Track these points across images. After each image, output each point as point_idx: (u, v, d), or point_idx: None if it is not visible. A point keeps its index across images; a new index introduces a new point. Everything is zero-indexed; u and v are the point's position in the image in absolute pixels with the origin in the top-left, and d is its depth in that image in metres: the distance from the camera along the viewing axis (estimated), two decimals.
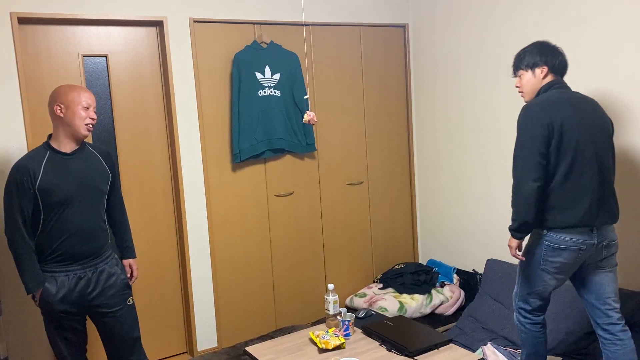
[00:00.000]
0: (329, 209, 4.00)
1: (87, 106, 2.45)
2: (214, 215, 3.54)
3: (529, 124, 2.38)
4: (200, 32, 3.41)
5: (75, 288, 2.46)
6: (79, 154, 2.50)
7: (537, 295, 2.57)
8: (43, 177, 2.37)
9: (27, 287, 2.41)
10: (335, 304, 2.83)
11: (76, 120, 2.42)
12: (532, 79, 2.52)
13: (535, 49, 2.53)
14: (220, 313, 3.60)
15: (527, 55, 2.53)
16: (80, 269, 2.48)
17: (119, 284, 2.59)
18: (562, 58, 2.52)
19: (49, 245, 2.43)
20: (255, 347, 2.76)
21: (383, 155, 4.24)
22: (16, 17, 2.87)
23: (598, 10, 3.03)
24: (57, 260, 2.45)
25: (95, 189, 2.52)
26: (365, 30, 4.07)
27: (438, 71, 4.07)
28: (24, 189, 2.35)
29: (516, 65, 2.58)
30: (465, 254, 4.05)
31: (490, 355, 2.95)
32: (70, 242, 2.44)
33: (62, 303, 2.44)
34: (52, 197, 2.38)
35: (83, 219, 2.46)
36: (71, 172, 2.44)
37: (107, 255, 2.59)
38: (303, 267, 3.92)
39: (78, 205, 2.44)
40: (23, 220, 2.38)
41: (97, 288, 2.50)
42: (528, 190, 2.36)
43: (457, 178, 4.04)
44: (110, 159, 2.64)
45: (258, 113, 3.56)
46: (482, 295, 3.50)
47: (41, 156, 2.42)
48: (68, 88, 2.49)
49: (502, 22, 3.57)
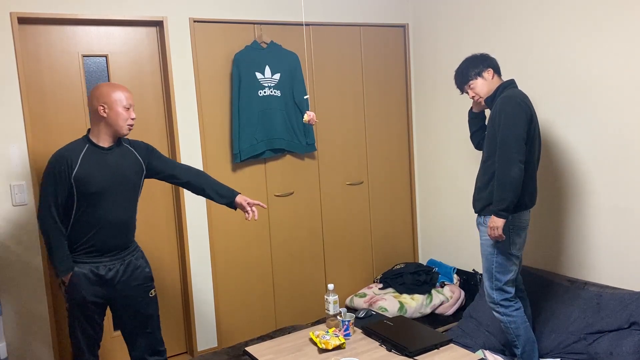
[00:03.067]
0: (329, 209, 4.00)
1: (128, 106, 2.54)
2: (214, 215, 3.53)
3: (517, 111, 2.64)
4: (200, 32, 3.41)
5: (102, 279, 2.55)
6: (115, 149, 2.60)
7: (511, 282, 2.79)
8: (80, 168, 2.47)
9: (57, 271, 2.50)
10: (335, 304, 2.83)
11: (119, 121, 2.52)
12: (485, 82, 2.83)
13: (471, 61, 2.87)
14: (220, 313, 3.60)
15: (468, 68, 2.85)
16: (108, 261, 2.57)
17: (143, 277, 2.69)
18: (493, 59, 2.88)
19: (80, 236, 2.52)
20: (255, 347, 2.75)
21: (383, 155, 4.24)
22: (16, 17, 2.87)
23: (598, 9, 3.03)
24: (86, 252, 2.53)
25: (128, 184, 2.62)
26: (365, 30, 4.07)
27: (438, 71, 4.07)
28: (60, 177, 2.45)
29: (463, 80, 2.87)
30: (465, 254, 4.05)
31: (490, 356, 2.95)
32: (100, 235, 2.53)
33: (88, 292, 2.52)
34: (86, 187, 2.47)
35: (115, 213, 2.56)
36: (107, 165, 2.54)
37: (133, 248, 2.69)
38: (303, 267, 3.92)
39: (111, 198, 2.53)
40: (56, 206, 2.47)
41: (122, 279, 2.60)
42: (517, 171, 2.60)
43: (457, 178, 4.03)
44: (143, 150, 2.72)
45: (258, 113, 3.56)
46: (482, 295, 3.49)
47: (80, 148, 2.52)
48: (110, 88, 2.55)
49: (502, 22, 3.57)
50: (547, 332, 3.04)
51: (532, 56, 3.38)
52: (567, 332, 2.96)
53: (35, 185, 2.98)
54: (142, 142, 2.76)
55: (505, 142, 2.63)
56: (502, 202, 2.63)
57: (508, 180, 2.61)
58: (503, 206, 2.63)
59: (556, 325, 3.03)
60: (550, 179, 3.29)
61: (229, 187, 2.85)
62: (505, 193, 2.62)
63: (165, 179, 2.82)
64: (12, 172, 2.93)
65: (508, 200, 2.62)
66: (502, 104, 2.68)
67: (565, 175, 3.24)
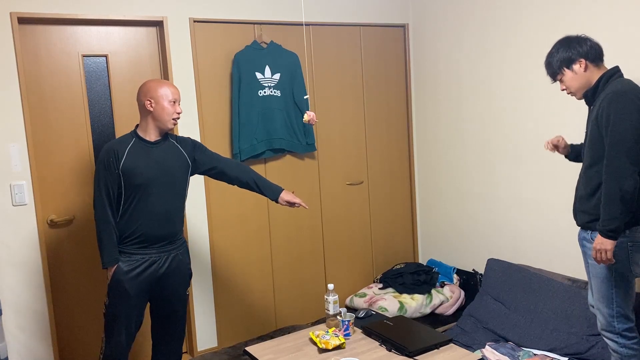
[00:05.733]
0: (329, 209, 4.00)
1: (173, 100, 2.62)
2: (214, 215, 3.54)
3: (630, 109, 2.21)
4: (200, 32, 3.41)
5: (147, 270, 2.61)
6: (161, 144, 2.67)
7: (633, 307, 2.36)
8: (126, 160, 2.56)
9: (103, 262, 2.57)
10: (335, 304, 2.83)
11: (164, 115, 2.61)
12: (575, 76, 2.38)
13: (559, 48, 2.42)
14: (220, 313, 3.60)
15: (555, 57, 2.42)
16: (155, 253, 2.64)
17: (185, 273, 2.78)
18: (590, 43, 2.37)
19: (129, 227, 2.59)
20: (255, 347, 2.75)
21: (383, 155, 4.24)
22: (16, 17, 2.87)
23: (599, 8, 3.03)
24: (135, 242, 2.60)
25: (173, 176, 2.68)
26: (365, 30, 4.07)
27: (438, 71, 4.07)
28: (110, 169, 2.54)
29: (552, 72, 2.45)
30: (465, 254, 4.05)
31: (489, 355, 2.95)
32: (148, 225, 2.60)
33: (132, 282, 2.57)
34: (133, 179, 2.56)
35: (161, 204, 2.63)
36: (152, 158, 2.62)
37: (180, 243, 2.76)
38: (303, 267, 3.92)
39: (157, 190, 2.61)
40: (108, 198, 2.56)
41: (166, 272, 2.66)
42: (632, 184, 2.19)
43: (457, 178, 4.04)
44: (188, 145, 2.77)
45: (258, 113, 3.56)
46: (482, 295, 3.50)
47: (127, 141, 2.62)
48: (157, 83, 2.64)
49: (502, 22, 3.57)
50: (548, 330, 3.04)
51: (532, 56, 3.38)
52: (569, 332, 2.96)
53: (36, 185, 2.98)
54: (189, 138, 2.82)
55: (615, 149, 2.20)
56: (612, 222, 2.21)
57: (619, 195, 2.18)
58: (612, 226, 2.21)
59: (557, 324, 3.03)
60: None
61: (273, 183, 2.90)
62: (615, 210, 2.20)
63: (211, 174, 2.85)
64: (12, 172, 2.92)
65: (619, 219, 2.20)
66: (610, 101, 2.23)
67: None
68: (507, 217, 3.72)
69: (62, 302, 3.16)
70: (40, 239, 3.00)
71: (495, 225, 3.80)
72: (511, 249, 3.67)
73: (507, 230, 3.72)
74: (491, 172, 3.78)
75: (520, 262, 3.51)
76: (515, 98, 3.55)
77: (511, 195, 3.66)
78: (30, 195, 2.97)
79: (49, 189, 3.08)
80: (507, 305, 3.29)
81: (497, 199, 3.75)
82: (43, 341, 3.04)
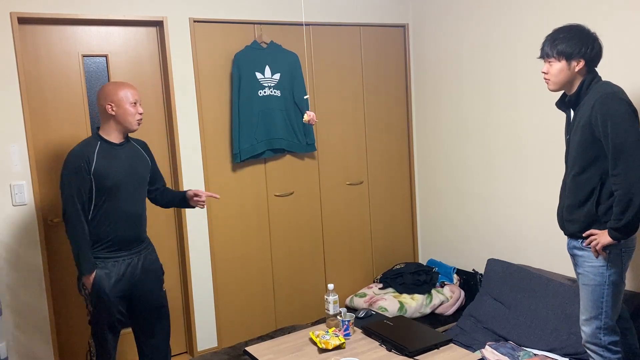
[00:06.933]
0: (329, 209, 4.00)
1: (134, 102, 2.62)
2: (214, 215, 3.53)
3: (627, 110, 2.18)
4: (200, 32, 3.41)
5: (124, 274, 2.63)
6: (125, 146, 2.69)
7: (617, 318, 2.34)
8: (97, 163, 2.55)
9: (81, 269, 2.55)
10: (335, 304, 2.83)
11: (128, 117, 2.61)
12: (566, 71, 2.31)
13: (574, 36, 2.29)
14: (220, 313, 3.60)
15: (563, 42, 2.29)
16: (127, 255, 2.65)
17: (158, 269, 2.81)
18: (598, 47, 2.30)
19: (99, 231, 2.59)
20: (255, 347, 2.76)
21: (383, 155, 4.24)
22: (16, 17, 2.87)
23: (600, 8, 3.03)
24: (106, 247, 2.60)
25: (140, 177, 2.73)
26: (365, 30, 4.07)
27: (438, 71, 4.07)
28: (82, 174, 2.52)
29: (547, 51, 2.34)
30: (465, 254, 4.05)
31: (489, 355, 2.95)
32: (118, 228, 2.60)
33: (114, 289, 2.59)
34: (104, 182, 2.55)
35: (129, 205, 2.65)
36: (120, 160, 2.63)
37: (148, 242, 2.79)
38: (303, 267, 3.92)
39: (125, 192, 2.62)
40: (81, 204, 2.54)
41: (140, 273, 2.69)
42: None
43: (457, 178, 4.04)
44: (148, 148, 2.85)
45: (258, 113, 3.56)
46: (482, 295, 3.50)
47: (93, 144, 2.60)
48: (116, 87, 2.63)
49: (502, 21, 3.57)
50: (548, 330, 3.04)
51: (532, 56, 3.38)
52: (569, 332, 2.96)
53: (36, 185, 2.98)
54: (141, 140, 2.86)
55: (625, 150, 2.15)
56: (631, 224, 2.16)
57: (634, 193, 2.13)
58: (632, 228, 2.18)
59: (557, 325, 3.03)
60: None
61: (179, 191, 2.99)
62: (632, 210, 2.14)
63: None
64: (12, 172, 2.93)
65: (635, 221, 2.16)
66: (603, 103, 2.19)
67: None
68: (507, 217, 3.71)
69: (62, 302, 3.16)
70: (40, 239, 2.99)
71: (495, 225, 3.80)
72: (511, 249, 3.67)
73: (507, 230, 3.72)
74: (491, 172, 3.78)
75: (520, 262, 3.51)
76: (515, 98, 3.55)
77: (511, 195, 3.66)
78: (30, 195, 2.97)
79: (49, 189, 3.08)
80: (507, 305, 3.29)
81: (497, 199, 3.75)
82: (43, 341, 3.04)
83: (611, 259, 2.27)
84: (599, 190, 2.29)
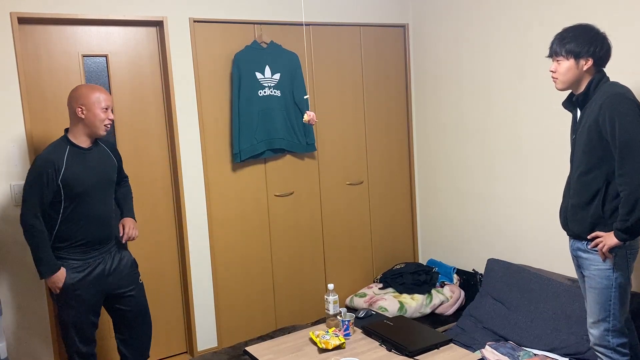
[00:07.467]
0: (329, 209, 4.00)
1: (106, 107, 2.59)
2: (214, 215, 3.53)
3: (635, 110, 2.18)
4: (200, 32, 3.41)
5: (92, 273, 2.62)
6: (94, 149, 2.67)
7: (625, 320, 2.33)
8: (66, 171, 2.52)
9: (42, 271, 2.54)
10: (335, 304, 2.83)
11: (96, 122, 2.58)
12: (574, 70, 2.30)
13: (583, 35, 2.29)
14: (220, 313, 3.60)
15: (572, 41, 2.29)
16: (98, 255, 2.66)
17: (130, 264, 2.80)
18: (607, 47, 2.31)
19: (69, 234, 2.58)
20: (255, 347, 2.76)
21: (383, 155, 4.24)
22: (16, 17, 2.87)
23: (600, 8, 3.03)
24: (77, 248, 2.60)
25: (109, 180, 2.73)
26: (365, 30, 4.07)
27: (438, 71, 4.07)
28: (48, 181, 2.49)
29: (556, 49, 2.34)
30: (465, 254, 4.05)
31: (489, 355, 2.95)
32: (88, 229, 2.60)
33: (86, 287, 2.59)
34: (73, 189, 2.54)
35: (99, 207, 2.65)
36: (90, 166, 2.62)
37: (117, 241, 2.79)
38: (303, 267, 3.92)
39: (95, 196, 2.62)
40: (42, 210, 2.51)
41: (111, 270, 2.69)
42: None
43: (457, 178, 4.04)
44: (116, 149, 2.87)
45: (258, 113, 3.56)
46: (483, 294, 3.50)
47: (62, 149, 2.56)
48: (88, 90, 2.60)
49: (502, 22, 3.57)
50: (548, 330, 3.04)
51: (532, 56, 3.38)
52: (569, 332, 2.96)
53: None
54: (113, 142, 2.89)
55: (632, 150, 2.14)
56: (637, 225, 2.16)
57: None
58: (638, 229, 2.17)
59: (557, 324, 3.03)
60: None
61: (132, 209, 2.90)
62: (637, 209, 2.14)
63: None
64: (12, 172, 2.93)
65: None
66: (611, 103, 2.19)
67: None
68: (507, 217, 3.72)
69: None
70: None
71: (495, 225, 3.80)
72: (511, 249, 3.67)
73: (507, 230, 3.72)
74: (491, 172, 3.78)
75: (520, 262, 3.51)
76: (515, 98, 3.55)
77: (511, 195, 3.66)
78: None
79: None
80: (507, 305, 3.29)
81: (497, 199, 3.75)
82: (43, 341, 3.04)
83: (617, 262, 2.26)
84: (604, 191, 2.28)
